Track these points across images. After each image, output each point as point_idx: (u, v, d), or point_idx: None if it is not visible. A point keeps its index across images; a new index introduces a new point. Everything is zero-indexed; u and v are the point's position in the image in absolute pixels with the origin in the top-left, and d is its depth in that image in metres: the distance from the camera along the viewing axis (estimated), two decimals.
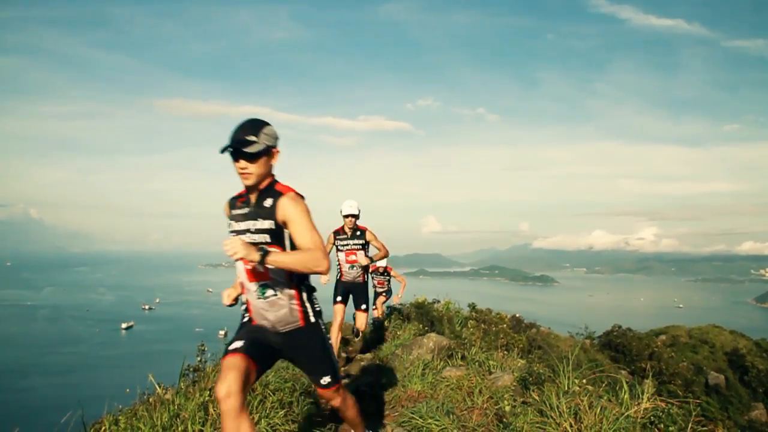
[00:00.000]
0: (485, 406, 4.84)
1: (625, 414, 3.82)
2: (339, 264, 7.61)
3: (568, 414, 3.93)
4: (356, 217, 7.40)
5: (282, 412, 4.29)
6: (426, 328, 9.50)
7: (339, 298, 7.66)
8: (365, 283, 7.80)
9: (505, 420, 4.45)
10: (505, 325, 13.25)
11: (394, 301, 10.89)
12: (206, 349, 6.54)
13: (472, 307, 13.72)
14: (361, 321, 7.92)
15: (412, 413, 4.63)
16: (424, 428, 4.39)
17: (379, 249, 7.48)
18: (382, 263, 10.31)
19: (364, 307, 7.85)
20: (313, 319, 3.40)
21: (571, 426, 3.82)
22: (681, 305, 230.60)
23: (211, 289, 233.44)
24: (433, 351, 6.60)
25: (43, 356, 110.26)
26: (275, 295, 3.26)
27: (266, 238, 3.17)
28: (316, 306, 3.44)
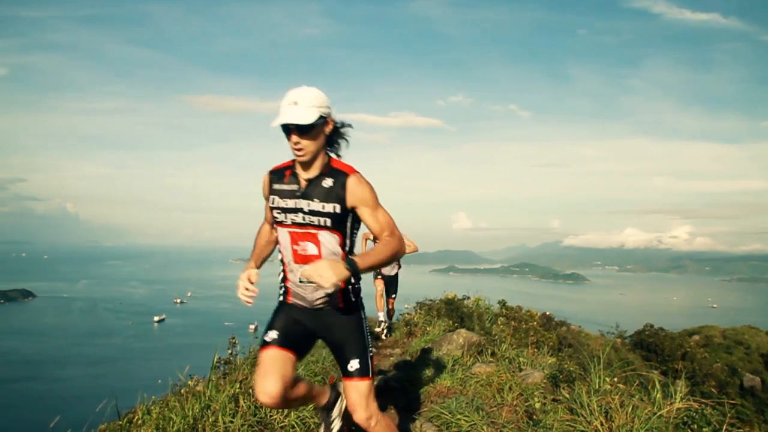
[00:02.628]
0: (515, 403, 4.82)
1: (658, 414, 3.77)
2: (282, 258, 5.90)
3: (598, 412, 3.89)
4: (310, 132, 6.51)
5: (311, 405, 4.31)
6: (456, 324, 9.48)
7: (273, 335, 5.66)
8: (352, 314, 6.93)
9: (535, 417, 4.42)
10: (535, 323, 13.18)
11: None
12: (237, 342, 6.62)
13: (503, 304, 13.65)
14: (360, 396, 6.29)
15: (442, 409, 4.63)
16: (454, 424, 4.38)
17: (379, 234, 6.91)
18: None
19: (354, 366, 6.86)
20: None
21: (601, 424, 3.78)
22: (715, 305, 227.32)
23: None
24: (463, 347, 6.58)
25: (79, 347, 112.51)
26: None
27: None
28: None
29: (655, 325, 27.76)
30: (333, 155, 3.10)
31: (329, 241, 3.03)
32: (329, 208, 2.95)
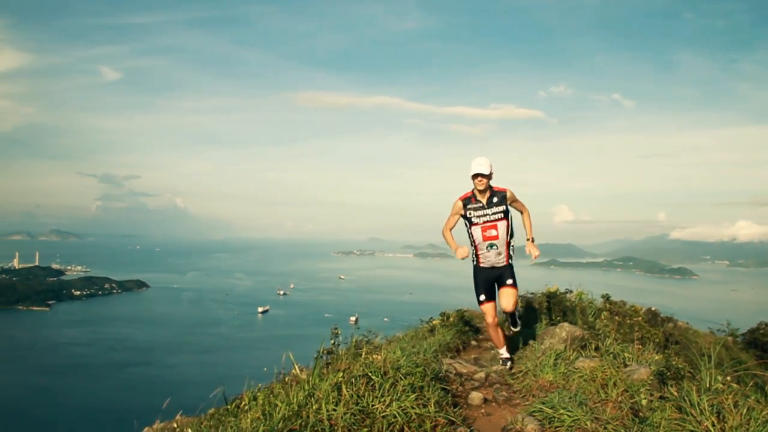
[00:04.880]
0: (620, 399, 4.68)
1: None
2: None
3: (710, 412, 3.74)
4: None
5: (413, 396, 4.34)
6: (558, 318, 9.31)
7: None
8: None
9: (640, 414, 4.30)
10: (640, 318, 12.74)
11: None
12: (339, 332, 6.76)
13: (606, 298, 13.27)
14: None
15: (543, 403, 4.57)
16: (556, 419, 4.32)
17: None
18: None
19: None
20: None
21: (713, 425, 3.64)
22: None
23: (343, 276, 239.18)
24: (566, 341, 6.44)
25: (188, 335, 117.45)
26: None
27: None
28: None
29: None
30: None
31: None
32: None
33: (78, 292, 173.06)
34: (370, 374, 4.54)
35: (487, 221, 6.42)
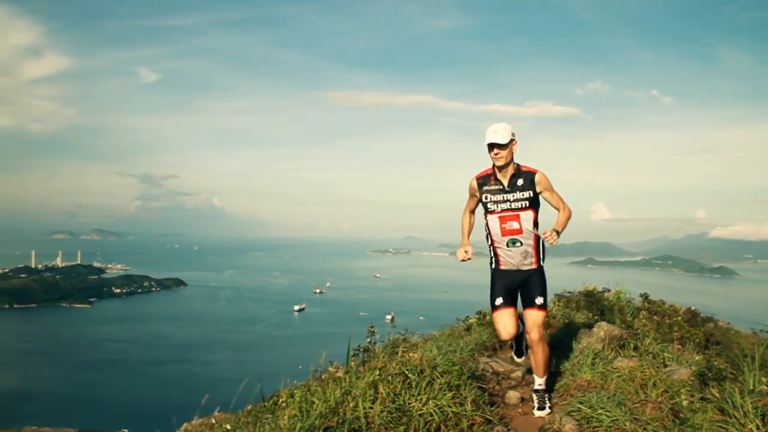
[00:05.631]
0: (659, 399, 4.61)
1: None
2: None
3: (754, 415, 3.66)
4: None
5: (449, 394, 4.34)
6: (595, 317, 9.22)
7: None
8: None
9: (681, 416, 4.24)
10: (679, 318, 12.55)
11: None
12: (376, 331, 6.78)
13: (645, 297, 13.10)
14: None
15: (581, 403, 4.52)
16: (594, 419, 4.27)
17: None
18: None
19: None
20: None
21: (758, 428, 3.56)
22: None
23: (378, 275, 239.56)
24: (604, 340, 6.37)
25: (225, 333, 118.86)
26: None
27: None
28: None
29: None
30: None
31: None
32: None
33: (118, 290, 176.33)
34: (406, 372, 4.55)
35: (508, 209, 4.86)
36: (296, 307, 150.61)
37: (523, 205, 4.86)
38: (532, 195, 4.85)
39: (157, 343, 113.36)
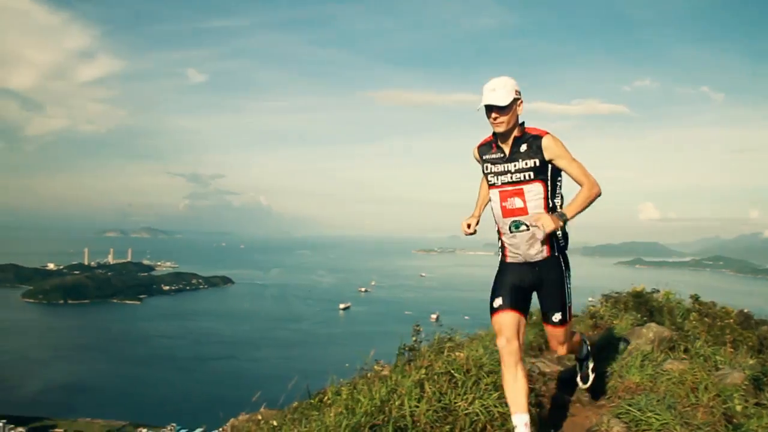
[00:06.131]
0: (711, 404, 4.51)
1: None
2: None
3: None
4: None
5: (495, 394, 4.32)
6: (644, 318, 9.06)
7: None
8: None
9: (734, 421, 4.14)
10: (732, 320, 12.26)
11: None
12: (421, 329, 6.76)
13: (695, 298, 12.83)
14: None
15: (630, 405, 4.45)
16: (643, 422, 4.20)
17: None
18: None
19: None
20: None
21: None
22: None
23: (424, 274, 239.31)
24: (653, 342, 6.26)
25: (271, 331, 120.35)
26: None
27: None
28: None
29: None
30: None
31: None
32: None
33: (167, 287, 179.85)
34: (452, 371, 4.55)
35: (508, 182, 3.79)
36: (341, 306, 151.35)
37: (527, 177, 3.70)
38: (538, 164, 3.68)
39: (204, 339, 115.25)
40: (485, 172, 3.94)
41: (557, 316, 3.97)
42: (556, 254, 3.89)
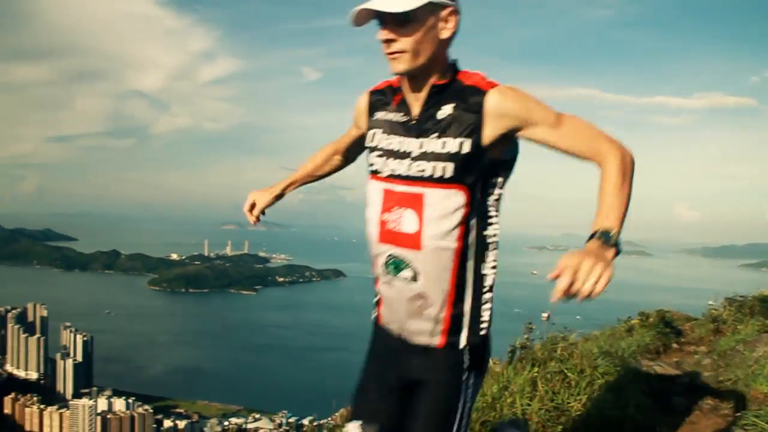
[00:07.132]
0: None
1: None
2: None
3: None
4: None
5: (611, 396, 4.23)
6: None
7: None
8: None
9: None
10: None
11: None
12: (534, 327, 6.69)
13: None
14: None
15: (757, 417, 4.23)
16: None
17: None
18: None
19: None
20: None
21: None
22: None
23: (535, 271, 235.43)
24: None
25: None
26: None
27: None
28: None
29: None
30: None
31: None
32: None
33: (281, 279, 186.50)
34: (566, 371, 4.48)
35: (403, 176, 1.81)
36: None
37: (438, 173, 1.74)
38: (467, 149, 1.71)
39: (316, 330, 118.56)
40: (369, 144, 1.97)
41: None
42: (460, 346, 1.94)
